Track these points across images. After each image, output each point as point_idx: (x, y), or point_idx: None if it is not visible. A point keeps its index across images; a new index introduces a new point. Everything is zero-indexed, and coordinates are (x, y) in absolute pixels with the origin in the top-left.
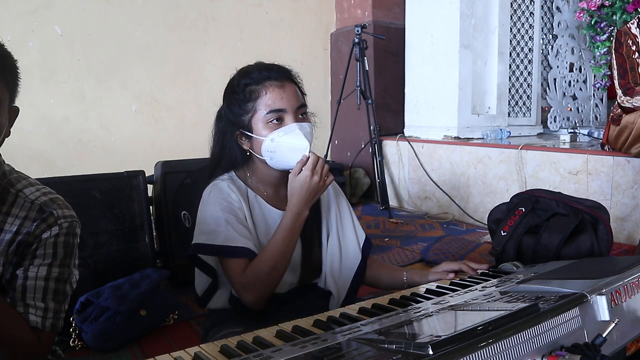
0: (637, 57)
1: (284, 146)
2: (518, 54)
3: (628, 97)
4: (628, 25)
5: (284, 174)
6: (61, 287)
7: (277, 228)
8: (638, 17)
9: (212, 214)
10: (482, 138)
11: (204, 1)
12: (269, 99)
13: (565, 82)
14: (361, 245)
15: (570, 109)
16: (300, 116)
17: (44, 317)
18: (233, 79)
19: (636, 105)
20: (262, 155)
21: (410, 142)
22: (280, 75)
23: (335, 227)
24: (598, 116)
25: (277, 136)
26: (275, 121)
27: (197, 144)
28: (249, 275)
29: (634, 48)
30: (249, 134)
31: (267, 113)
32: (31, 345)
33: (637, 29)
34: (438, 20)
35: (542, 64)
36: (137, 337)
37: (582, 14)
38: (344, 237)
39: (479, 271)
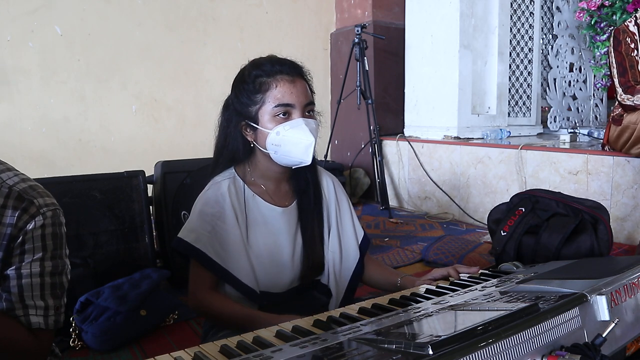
0: (636, 55)
1: (289, 140)
2: (518, 54)
3: (629, 95)
4: (626, 23)
5: (286, 169)
6: (57, 280)
7: (247, 311)
8: (635, 16)
9: (200, 214)
10: (482, 138)
11: (203, 1)
12: (278, 92)
13: (565, 82)
14: (359, 243)
15: (570, 109)
16: (307, 113)
17: (46, 316)
18: (244, 69)
19: (637, 103)
20: (265, 149)
21: (410, 142)
22: (292, 70)
23: (335, 223)
24: (598, 116)
25: (283, 129)
26: (282, 115)
27: (197, 144)
28: (206, 303)
29: (632, 46)
30: (254, 125)
31: (275, 106)
32: (30, 348)
33: (635, 27)
34: (438, 20)
35: (542, 64)
36: (137, 337)
37: (582, 14)
38: (344, 233)
39: (466, 275)
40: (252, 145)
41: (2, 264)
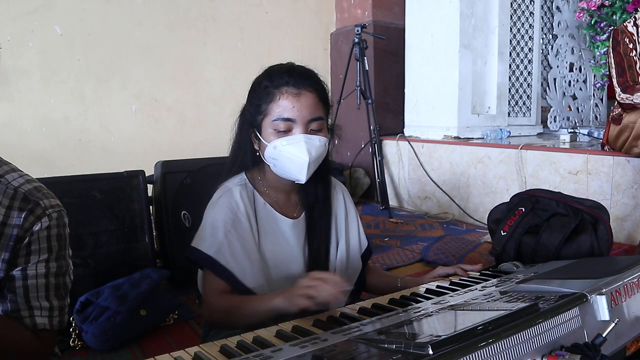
0: (635, 55)
1: (285, 156)
2: (518, 54)
3: (628, 95)
4: (625, 24)
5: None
6: (61, 280)
7: (255, 302)
8: (634, 17)
9: (212, 222)
10: (482, 138)
11: (204, 1)
12: (279, 105)
13: (565, 82)
14: (362, 253)
15: (570, 109)
16: (312, 129)
17: (50, 317)
18: (258, 77)
19: (636, 102)
20: (266, 160)
21: (410, 142)
22: (299, 82)
23: (344, 234)
24: (598, 116)
25: (280, 144)
26: (283, 129)
27: (197, 144)
28: (218, 306)
29: (631, 46)
30: (258, 135)
31: (275, 120)
32: (34, 349)
33: (634, 28)
34: (438, 20)
35: (542, 63)
36: (137, 337)
37: (582, 14)
38: (350, 246)
39: (473, 273)
40: (258, 154)
41: (8, 265)
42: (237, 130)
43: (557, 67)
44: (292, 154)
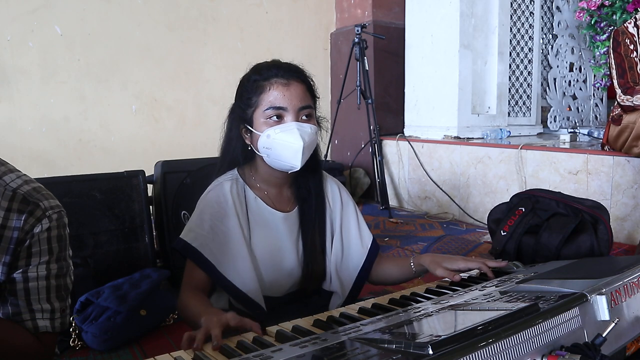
0: (635, 57)
1: (279, 144)
2: (518, 54)
3: (628, 96)
4: (625, 24)
5: (287, 174)
6: (62, 282)
7: (196, 309)
8: (635, 17)
9: (199, 214)
10: (482, 138)
11: (204, 1)
12: (270, 95)
13: (565, 81)
14: (368, 247)
15: (570, 109)
16: (303, 117)
17: (52, 319)
18: (246, 73)
19: (637, 103)
20: (259, 152)
21: (410, 142)
22: (287, 73)
23: (339, 228)
24: (598, 116)
25: (273, 133)
26: (275, 118)
27: (197, 144)
28: (181, 298)
29: (631, 47)
30: (250, 127)
31: (267, 109)
32: (36, 352)
33: (635, 29)
34: (438, 20)
35: (542, 63)
36: (137, 337)
37: (582, 14)
38: (347, 238)
39: (472, 272)
40: (250, 148)
41: (8, 268)
42: (227, 128)
43: (557, 67)
44: (286, 141)
